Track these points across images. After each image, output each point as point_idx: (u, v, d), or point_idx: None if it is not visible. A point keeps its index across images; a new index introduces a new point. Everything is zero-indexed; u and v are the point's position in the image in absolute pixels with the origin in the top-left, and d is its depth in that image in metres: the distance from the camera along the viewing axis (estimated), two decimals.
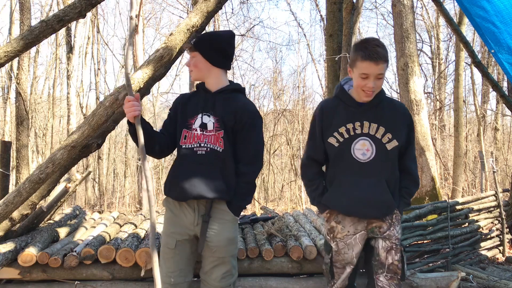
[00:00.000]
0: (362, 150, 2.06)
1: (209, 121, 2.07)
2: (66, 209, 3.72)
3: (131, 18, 1.71)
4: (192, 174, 2.03)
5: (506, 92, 5.97)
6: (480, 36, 2.94)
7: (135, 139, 1.93)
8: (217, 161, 2.05)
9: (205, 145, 2.05)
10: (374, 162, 2.06)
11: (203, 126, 2.07)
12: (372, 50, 1.95)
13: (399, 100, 7.87)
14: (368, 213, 2.08)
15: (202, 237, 2.03)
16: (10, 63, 7.00)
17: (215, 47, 2.10)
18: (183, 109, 2.14)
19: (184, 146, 2.08)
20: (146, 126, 1.98)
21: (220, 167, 2.05)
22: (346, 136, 2.08)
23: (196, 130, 2.07)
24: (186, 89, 16.96)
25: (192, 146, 2.06)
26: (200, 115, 2.09)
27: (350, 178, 2.08)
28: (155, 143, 2.05)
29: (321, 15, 14.65)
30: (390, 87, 17.59)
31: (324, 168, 2.28)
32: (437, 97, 15.08)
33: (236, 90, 2.15)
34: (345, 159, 2.08)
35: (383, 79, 2.02)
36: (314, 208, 3.88)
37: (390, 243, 2.08)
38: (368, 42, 1.99)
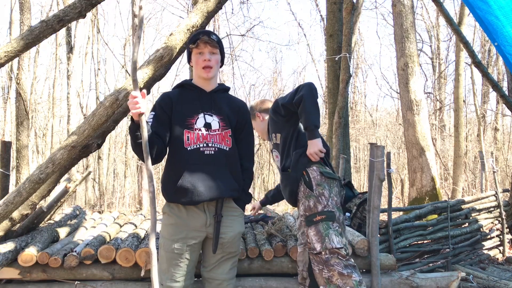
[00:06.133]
0: None
1: (213, 120, 2.06)
2: (66, 209, 3.72)
3: (140, 8, 1.63)
4: (202, 176, 1.98)
5: (506, 92, 5.96)
6: (483, 29, 2.94)
7: (135, 137, 1.84)
8: (225, 160, 2.05)
9: (213, 144, 2.02)
10: None
11: (207, 125, 2.05)
12: None
13: (400, 100, 7.87)
14: None
15: (216, 237, 2.01)
16: (10, 63, 7.00)
17: (224, 48, 2.15)
18: (178, 109, 2.06)
19: (190, 148, 2.00)
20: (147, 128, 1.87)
21: (228, 166, 2.05)
22: None
23: (200, 130, 2.03)
24: None
25: (198, 146, 2.01)
26: (201, 115, 2.06)
27: None
28: (153, 148, 1.93)
29: (321, 15, 14.68)
30: (390, 87, 17.62)
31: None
32: (437, 97, 15.08)
33: (227, 89, 2.21)
34: None
35: None
36: None
37: None
38: None
